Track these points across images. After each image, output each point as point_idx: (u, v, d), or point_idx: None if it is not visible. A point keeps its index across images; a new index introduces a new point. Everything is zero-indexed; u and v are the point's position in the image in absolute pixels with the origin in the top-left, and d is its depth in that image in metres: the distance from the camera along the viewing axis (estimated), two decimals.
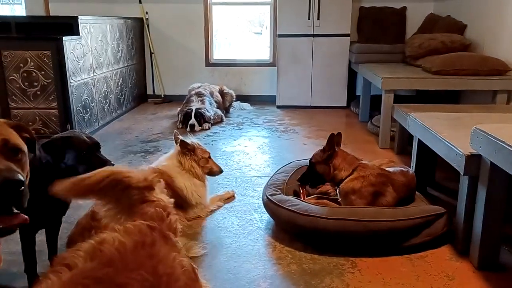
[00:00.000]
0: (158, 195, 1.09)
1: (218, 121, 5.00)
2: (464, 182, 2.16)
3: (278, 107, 5.76)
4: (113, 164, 1.77)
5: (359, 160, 2.47)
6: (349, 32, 5.49)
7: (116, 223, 1.10)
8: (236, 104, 5.75)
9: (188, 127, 4.61)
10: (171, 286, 0.92)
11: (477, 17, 4.61)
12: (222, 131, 4.67)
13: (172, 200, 1.16)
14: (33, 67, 3.92)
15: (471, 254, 2.11)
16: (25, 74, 3.94)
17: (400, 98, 4.32)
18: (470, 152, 2.07)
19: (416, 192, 2.57)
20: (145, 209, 1.03)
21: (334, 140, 2.44)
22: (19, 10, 6.31)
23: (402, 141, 3.74)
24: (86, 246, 0.89)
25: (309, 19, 5.44)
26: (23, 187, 1.03)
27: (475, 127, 2.01)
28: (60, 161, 1.79)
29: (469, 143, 2.07)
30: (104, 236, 0.92)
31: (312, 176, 2.52)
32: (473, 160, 2.05)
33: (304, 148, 4.01)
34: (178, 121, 4.90)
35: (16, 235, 1.84)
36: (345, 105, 5.67)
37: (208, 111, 4.84)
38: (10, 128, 1.19)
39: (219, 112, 5.13)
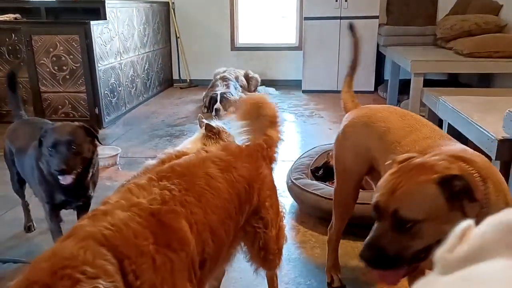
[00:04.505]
0: (271, 132, 1.52)
1: None
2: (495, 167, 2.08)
3: (304, 91, 5.70)
4: (64, 171, 1.74)
5: None
6: (378, 14, 5.34)
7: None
8: (261, 88, 5.73)
9: (214, 111, 4.62)
10: (264, 187, 1.38)
11: None
12: None
13: (279, 135, 1.53)
14: (62, 51, 4.00)
15: None
16: (54, 58, 4.02)
17: (430, 83, 4.20)
18: (502, 136, 1.99)
19: None
20: (256, 140, 1.49)
21: None
22: None
23: None
24: (216, 145, 1.42)
25: (336, 1, 5.32)
26: None
27: (508, 110, 1.93)
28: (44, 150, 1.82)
29: (502, 127, 1.99)
30: (224, 143, 1.47)
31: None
32: (506, 145, 1.97)
33: (329, 133, 3.96)
34: (203, 106, 4.91)
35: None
36: (373, 89, 5.56)
37: (233, 96, 4.83)
38: None
39: (244, 96, 5.12)
